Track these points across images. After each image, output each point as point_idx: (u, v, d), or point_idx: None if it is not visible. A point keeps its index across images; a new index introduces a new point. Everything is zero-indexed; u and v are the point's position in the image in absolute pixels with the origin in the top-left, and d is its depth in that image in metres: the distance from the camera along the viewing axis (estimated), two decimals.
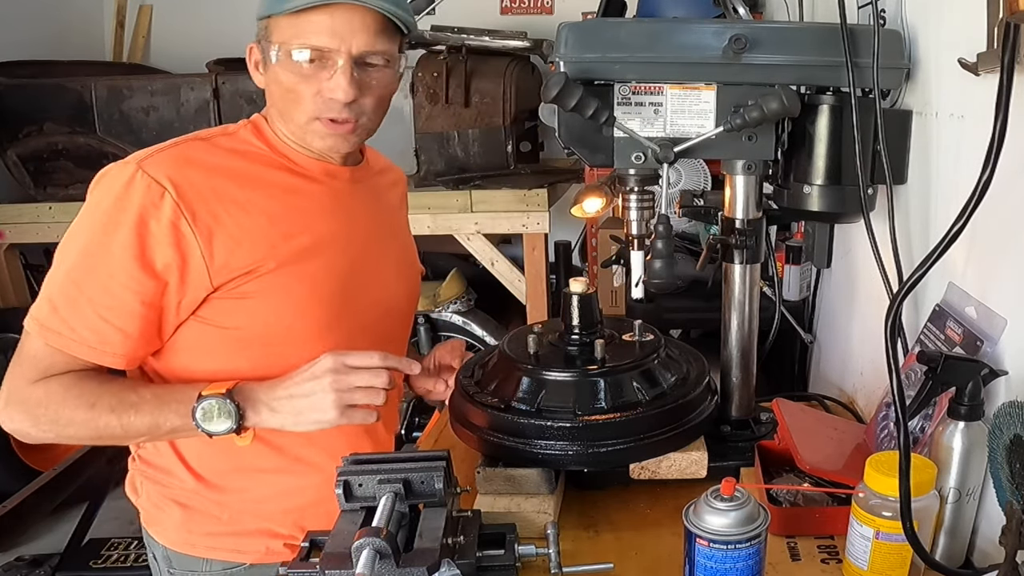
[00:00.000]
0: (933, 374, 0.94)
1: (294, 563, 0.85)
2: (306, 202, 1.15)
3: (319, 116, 1.09)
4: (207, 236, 1.04)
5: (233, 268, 1.06)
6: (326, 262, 1.14)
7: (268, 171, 1.13)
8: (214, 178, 1.08)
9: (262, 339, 1.11)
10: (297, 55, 1.06)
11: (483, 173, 2.84)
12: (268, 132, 1.16)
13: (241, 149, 1.14)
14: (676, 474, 1.13)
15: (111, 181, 1.05)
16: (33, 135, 2.93)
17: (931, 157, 1.15)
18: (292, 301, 1.11)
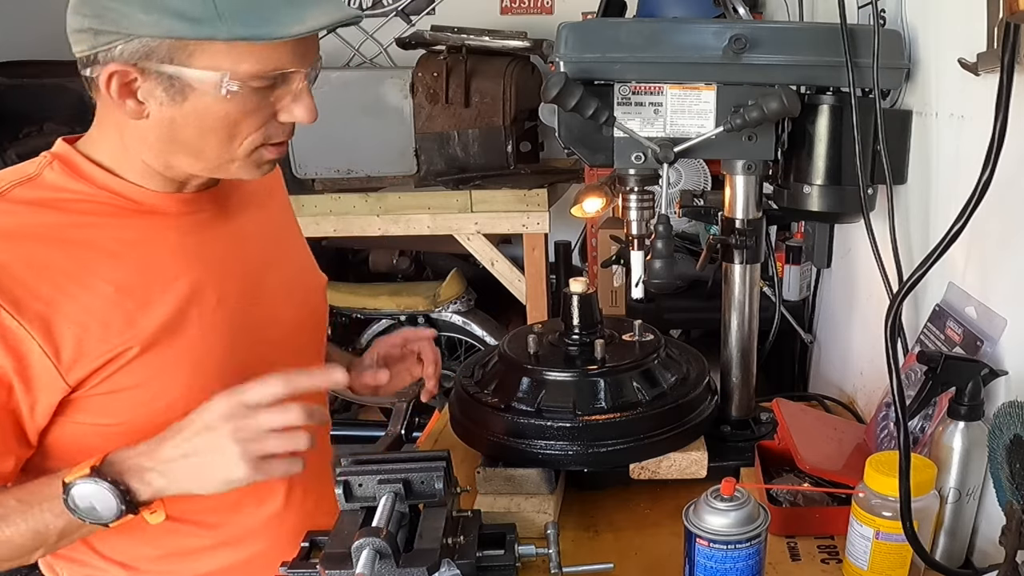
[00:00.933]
0: (933, 374, 0.94)
1: (294, 563, 0.85)
2: (161, 252, 0.92)
3: (265, 143, 0.91)
4: (43, 327, 0.83)
5: (88, 361, 0.86)
6: (205, 322, 0.93)
7: (101, 221, 0.90)
8: (29, 249, 0.84)
9: (152, 428, 0.88)
10: (259, 83, 0.84)
11: (483, 173, 2.84)
12: (87, 167, 0.90)
13: (54, 199, 0.88)
14: (676, 474, 1.13)
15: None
16: (33, 135, 2.93)
17: (931, 157, 1.15)
18: (176, 382, 0.91)
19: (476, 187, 2.80)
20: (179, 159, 0.90)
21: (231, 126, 0.87)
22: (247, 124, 0.88)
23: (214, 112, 0.85)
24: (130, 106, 0.85)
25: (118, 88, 0.84)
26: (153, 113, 0.86)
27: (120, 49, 0.81)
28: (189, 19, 0.79)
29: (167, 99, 0.84)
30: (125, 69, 0.82)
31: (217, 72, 0.82)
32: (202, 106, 0.85)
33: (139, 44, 0.81)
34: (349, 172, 2.85)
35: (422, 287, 3.20)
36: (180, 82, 0.83)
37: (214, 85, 0.83)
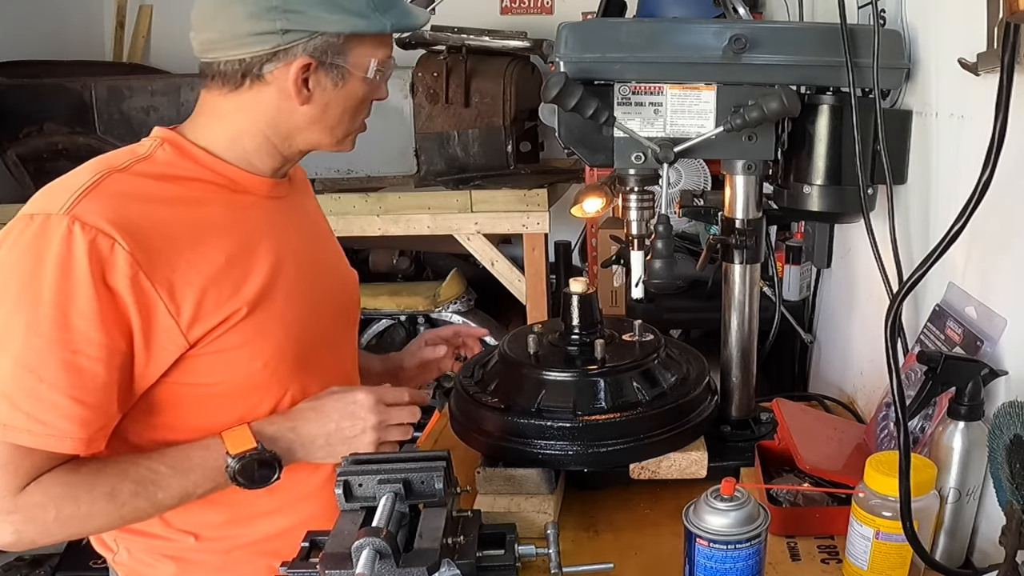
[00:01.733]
0: (933, 374, 0.94)
1: (294, 563, 0.85)
2: (253, 228, 1.04)
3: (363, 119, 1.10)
4: (168, 288, 0.92)
5: (206, 321, 0.95)
6: (287, 291, 1.05)
7: (207, 195, 1.01)
8: (157, 216, 0.93)
9: (242, 388, 1.02)
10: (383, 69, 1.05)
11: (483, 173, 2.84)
12: (192, 149, 1.01)
13: (169, 173, 0.99)
14: (676, 474, 1.13)
15: (40, 242, 0.87)
16: (33, 135, 2.92)
17: (931, 157, 1.15)
18: (269, 344, 1.02)
19: (476, 187, 2.80)
20: (313, 135, 1.06)
21: (360, 105, 1.06)
22: (366, 103, 1.08)
23: (356, 93, 1.04)
24: (303, 94, 1.01)
25: (301, 79, 0.99)
26: (316, 98, 1.02)
27: (303, 46, 0.98)
28: (359, 15, 0.98)
29: (331, 85, 1.02)
30: (309, 61, 0.98)
31: (368, 59, 1.02)
32: (351, 89, 1.03)
33: (322, 40, 0.98)
34: (349, 172, 2.85)
35: (422, 287, 3.20)
36: (344, 70, 1.01)
37: (365, 69, 1.02)
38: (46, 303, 0.87)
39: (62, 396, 0.88)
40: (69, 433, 0.89)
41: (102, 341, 0.89)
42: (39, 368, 0.87)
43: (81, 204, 0.89)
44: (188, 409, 1.00)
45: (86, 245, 0.87)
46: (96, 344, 0.89)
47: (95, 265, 0.87)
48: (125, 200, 0.92)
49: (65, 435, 0.89)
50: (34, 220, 0.90)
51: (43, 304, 0.87)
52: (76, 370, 0.88)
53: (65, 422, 0.89)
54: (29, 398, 0.88)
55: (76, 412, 0.89)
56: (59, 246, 0.87)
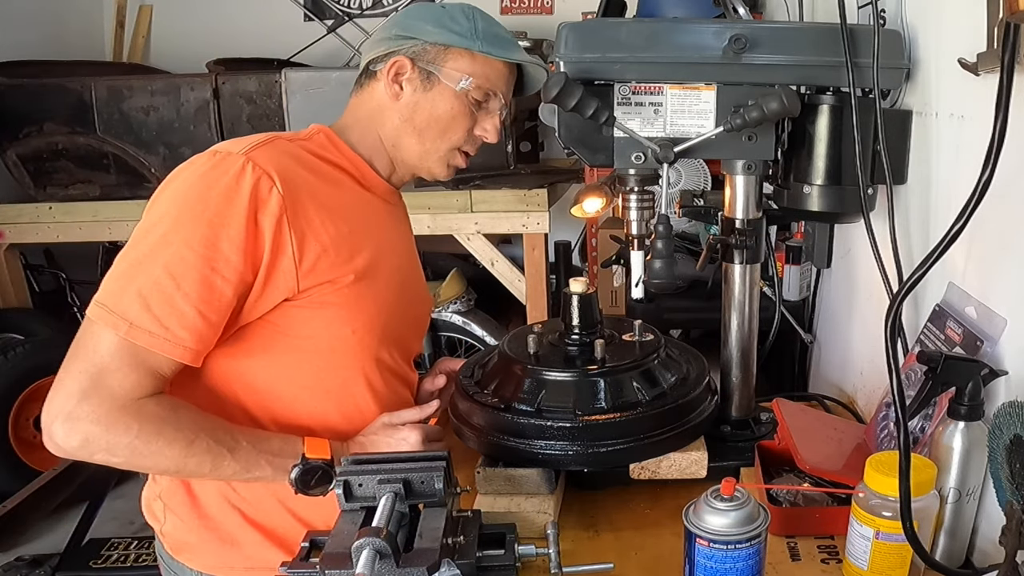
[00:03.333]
0: (933, 374, 0.94)
1: (294, 563, 0.85)
2: (372, 216, 1.19)
3: (460, 148, 1.21)
4: (300, 238, 1.04)
5: (318, 275, 1.07)
6: (386, 277, 1.17)
7: (344, 180, 1.17)
8: (309, 179, 1.09)
9: (328, 349, 1.12)
10: (483, 96, 1.16)
11: (483, 173, 2.84)
12: (340, 143, 1.18)
13: (322, 154, 1.15)
14: (676, 474, 1.13)
15: (215, 172, 1.01)
16: (33, 135, 2.93)
17: (931, 157, 1.15)
18: (363, 314, 1.13)
19: (476, 187, 2.80)
20: (406, 139, 1.19)
21: (448, 121, 1.17)
22: (458, 124, 1.18)
23: (444, 104, 1.16)
24: (394, 89, 1.16)
25: (393, 74, 1.16)
26: (406, 97, 1.16)
27: (407, 48, 1.15)
28: (458, 34, 1.14)
29: (420, 86, 1.16)
30: (404, 60, 1.15)
31: (460, 72, 1.15)
32: (439, 97, 1.16)
33: (421, 47, 1.15)
34: None
35: None
36: (434, 77, 1.15)
37: (455, 81, 1.15)
38: (205, 223, 0.99)
39: (191, 307, 0.99)
40: (185, 341, 0.99)
41: (238, 267, 1.00)
42: (182, 277, 0.98)
43: (257, 151, 1.05)
44: (271, 357, 1.10)
45: (252, 182, 1.01)
46: (233, 268, 1.00)
47: (253, 201, 1.00)
48: (288, 158, 1.08)
49: (181, 343, 0.99)
50: (216, 155, 1.04)
51: (202, 223, 0.99)
52: (210, 287, 0.99)
53: (185, 332, 0.99)
54: (163, 303, 0.98)
55: (198, 324, 1.00)
56: (231, 178, 1.00)
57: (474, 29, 1.14)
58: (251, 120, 2.88)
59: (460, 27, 1.14)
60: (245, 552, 1.16)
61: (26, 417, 2.89)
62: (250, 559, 1.16)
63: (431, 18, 1.15)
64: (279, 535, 1.16)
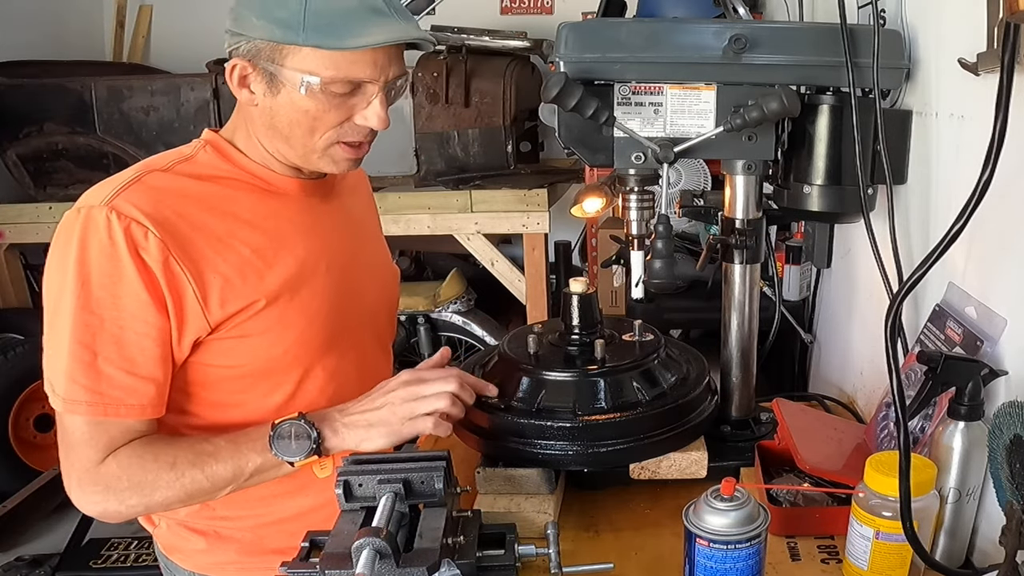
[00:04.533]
0: (933, 374, 0.94)
1: (294, 563, 0.85)
2: (285, 225, 1.10)
3: (340, 140, 1.06)
4: (197, 275, 1.00)
5: (227, 308, 1.03)
6: (315, 285, 1.12)
7: (242, 195, 1.08)
8: (189, 210, 1.02)
9: (262, 372, 1.10)
10: (337, 88, 1.00)
11: (483, 173, 2.84)
12: (232, 152, 1.09)
13: (207, 174, 1.07)
14: (676, 474, 1.13)
15: (85, 232, 0.96)
16: (33, 135, 2.93)
17: (931, 157, 1.15)
18: (291, 332, 1.09)
19: (476, 187, 2.80)
20: (278, 145, 1.07)
21: (311, 120, 1.03)
22: (324, 121, 1.03)
23: (299, 106, 1.01)
24: (245, 95, 1.04)
25: (238, 79, 1.03)
26: (260, 102, 1.03)
27: (242, 48, 1.00)
28: (284, 27, 0.96)
29: (268, 91, 1.02)
30: (243, 64, 1.01)
31: (300, 73, 0.99)
32: (290, 100, 1.01)
33: (251, 45, 1.00)
34: None
35: (422, 287, 3.20)
36: (276, 78, 1.00)
37: (297, 84, 0.99)
38: (94, 284, 0.96)
39: (114, 368, 0.97)
40: (123, 400, 0.98)
41: (146, 316, 0.98)
42: (92, 343, 0.97)
43: (119, 197, 0.98)
44: (216, 388, 1.09)
45: (122, 231, 0.96)
46: (141, 319, 0.98)
47: (132, 250, 0.96)
48: (160, 195, 1.01)
49: (119, 403, 0.98)
50: (79, 213, 0.99)
51: (91, 285, 0.96)
52: (124, 344, 0.98)
53: (119, 391, 0.98)
54: (85, 372, 0.97)
55: (128, 382, 0.98)
56: (100, 234, 0.96)
57: (302, 13, 0.96)
58: None
59: (286, 14, 0.96)
60: (232, 550, 1.17)
61: (26, 417, 2.89)
62: (240, 558, 1.17)
63: (256, 6, 0.98)
64: (266, 541, 1.16)
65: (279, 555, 1.05)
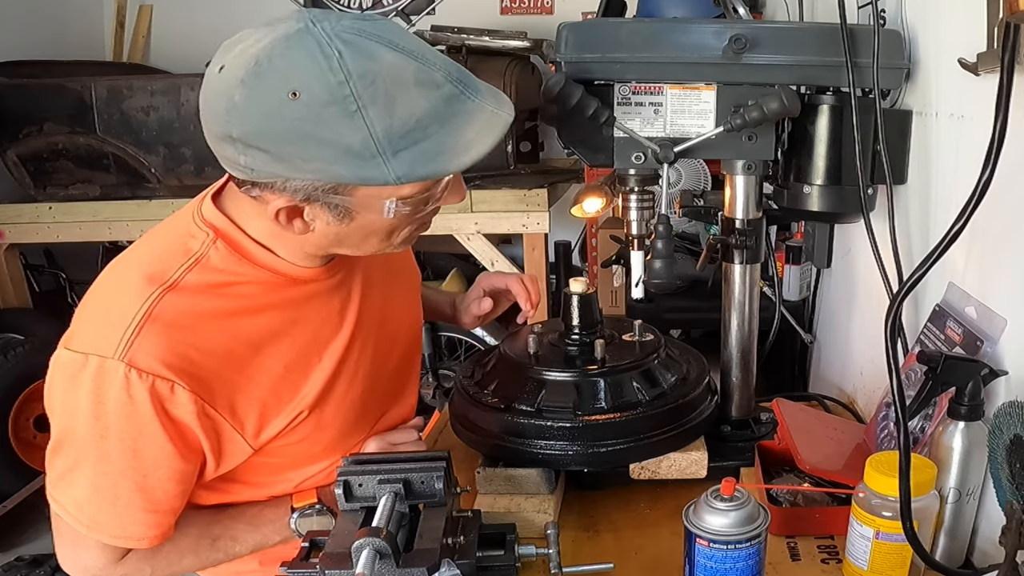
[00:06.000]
0: (933, 374, 0.94)
1: (294, 563, 0.85)
2: (314, 322, 1.01)
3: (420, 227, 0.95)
4: (231, 410, 0.93)
5: (268, 432, 0.98)
6: (353, 373, 1.06)
7: (264, 296, 0.96)
8: (211, 339, 0.91)
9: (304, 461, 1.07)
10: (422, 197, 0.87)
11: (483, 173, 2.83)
12: (248, 246, 0.94)
13: (224, 282, 0.93)
14: (676, 474, 1.13)
15: (100, 390, 0.86)
16: (33, 135, 2.92)
17: (931, 157, 1.15)
18: (332, 429, 1.05)
19: (476, 187, 2.79)
20: (339, 250, 0.96)
21: (391, 229, 0.92)
22: (403, 227, 0.92)
23: (378, 225, 0.89)
24: (297, 226, 0.88)
25: (285, 217, 0.87)
26: (319, 229, 0.89)
27: (282, 186, 0.82)
28: (354, 165, 0.78)
29: (334, 220, 0.87)
30: (292, 203, 0.84)
31: (382, 199, 0.84)
32: (367, 222, 0.88)
33: (302, 184, 0.82)
34: None
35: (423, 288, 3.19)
36: (346, 208, 0.85)
37: (380, 209, 0.85)
38: (114, 439, 0.89)
39: (137, 509, 0.93)
40: (144, 534, 0.94)
41: (170, 463, 0.92)
42: (112, 491, 0.91)
43: (135, 347, 0.86)
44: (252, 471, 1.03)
45: (147, 391, 0.86)
46: (165, 466, 0.92)
47: (158, 406, 0.88)
48: (178, 332, 0.88)
49: (141, 536, 0.94)
50: (89, 362, 0.86)
51: (111, 440, 0.89)
52: (149, 489, 0.92)
53: (140, 527, 0.94)
54: (108, 510, 0.92)
55: (151, 519, 0.94)
56: (120, 392, 0.86)
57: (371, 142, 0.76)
58: None
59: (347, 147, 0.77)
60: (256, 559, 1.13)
61: (26, 417, 2.89)
62: (263, 565, 1.14)
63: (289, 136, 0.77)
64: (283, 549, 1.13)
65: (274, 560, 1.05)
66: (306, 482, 1.09)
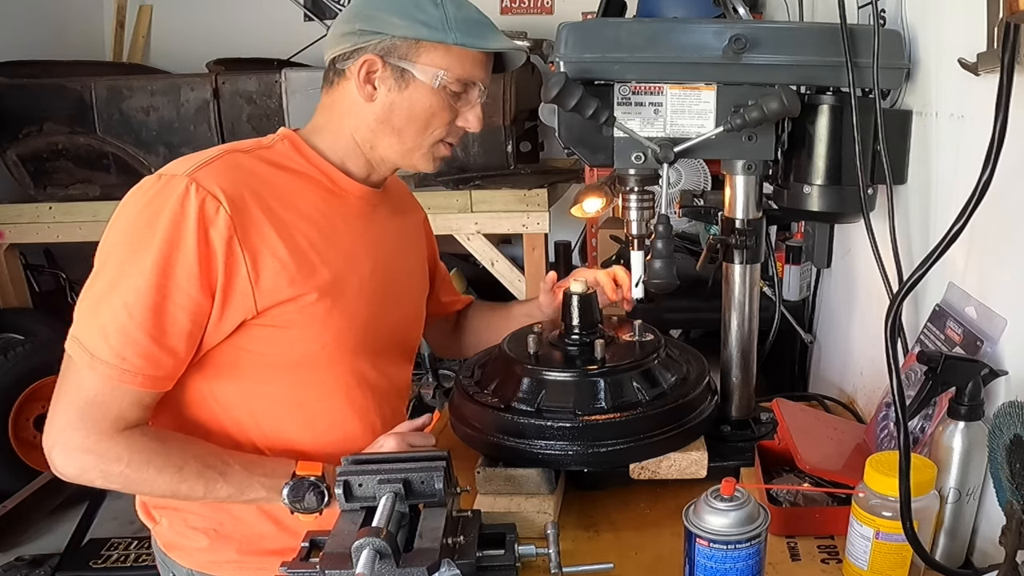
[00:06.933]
0: (933, 374, 0.94)
1: (294, 563, 0.85)
2: (341, 225, 1.14)
3: (443, 139, 1.15)
4: (254, 256, 1.03)
5: (277, 294, 1.05)
6: (359, 288, 1.14)
7: (308, 189, 1.12)
8: (262, 193, 1.06)
9: (294, 364, 1.12)
10: (462, 87, 1.10)
11: (483, 173, 2.84)
12: (306, 148, 1.14)
13: (282, 163, 1.12)
14: (676, 474, 1.13)
15: (160, 197, 1.00)
16: (33, 135, 2.93)
17: (931, 157, 1.15)
18: (330, 330, 1.11)
19: (476, 187, 2.80)
20: (384, 140, 1.13)
21: (428, 117, 1.11)
22: (438, 119, 1.12)
23: (422, 102, 1.10)
24: (367, 89, 1.10)
25: (365, 74, 1.09)
26: (380, 98, 1.10)
27: (375, 45, 1.07)
28: (429, 27, 1.06)
29: (395, 86, 1.09)
30: (374, 58, 1.08)
31: (435, 68, 1.08)
32: (416, 95, 1.10)
33: (389, 42, 1.07)
34: None
35: None
36: (408, 74, 1.09)
37: (432, 77, 1.08)
38: (155, 248, 0.98)
39: (144, 334, 0.99)
40: (142, 369, 1.00)
41: (191, 292, 1.00)
42: (133, 306, 0.98)
43: (202, 171, 1.02)
44: (237, 373, 1.10)
45: (197, 204, 0.99)
46: (185, 294, 1.00)
47: (201, 222, 0.99)
48: (238, 174, 1.05)
49: (138, 371, 1.00)
50: (160, 178, 1.02)
51: (152, 249, 0.98)
52: (163, 314, 0.99)
53: (140, 360, 0.99)
54: (118, 332, 0.99)
55: (152, 351, 1.00)
56: (175, 201, 0.99)
57: (445, 18, 1.07)
58: (251, 120, 2.88)
59: (430, 17, 1.07)
60: (232, 549, 1.17)
61: (26, 417, 2.89)
62: (239, 557, 1.17)
63: (396, 8, 1.07)
64: (265, 541, 1.17)
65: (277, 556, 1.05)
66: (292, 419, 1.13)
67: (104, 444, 1.00)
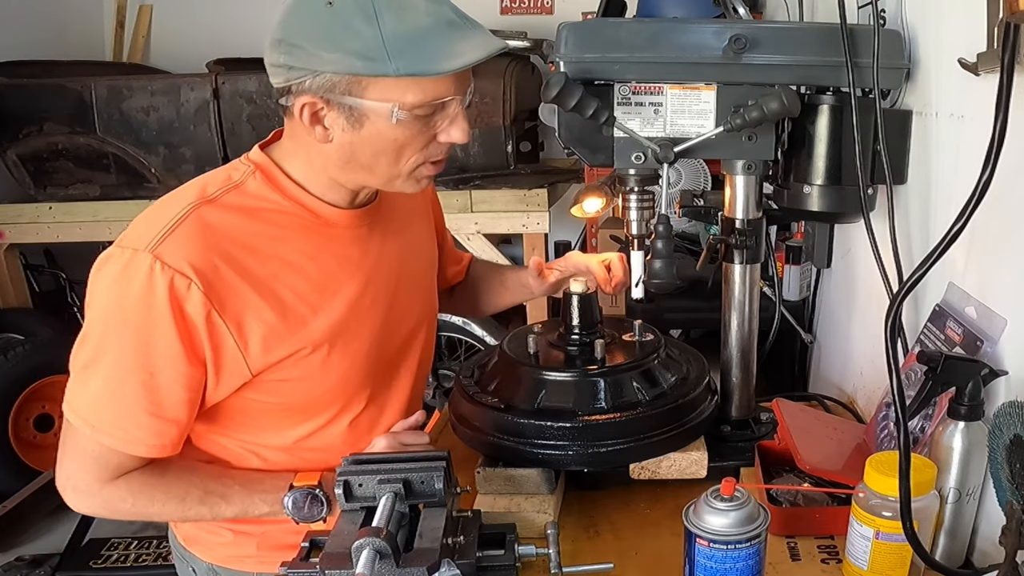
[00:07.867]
0: (933, 374, 0.94)
1: (294, 563, 0.85)
2: (331, 263, 1.07)
3: (427, 161, 1.02)
4: (238, 325, 0.99)
5: (269, 357, 1.02)
6: (359, 325, 1.10)
7: (290, 231, 1.04)
8: (235, 254, 0.99)
9: (303, 407, 1.11)
10: (428, 110, 0.96)
11: (483, 173, 2.84)
12: (283, 181, 1.04)
13: (255, 207, 1.02)
14: (676, 474, 1.13)
15: (125, 275, 0.94)
16: (33, 135, 2.93)
17: (931, 157, 1.15)
18: (333, 376, 1.09)
19: (476, 187, 2.80)
20: (357, 175, 1.03)
21: (399, 148, 0.99)
22: (412, 146, 0.99)
23: (385, 136, 0.97)
24: (318, 132, 0.97)
25: (309, 117, 0.96)
26: (336, 138, 0.98)
27: (309, 83, 0.93)
28: (365, 58, 0.90)
29: (348, 126, 0.96)
30: (314, 100, 0.94)
31: (388, 103, 0.93)
32: (376, 132, 0.96)
33: (324, 79, 0.93)
34: None
35: None
36: (358, 112, 0.95)
37: (386, 114, 0.94)
38: (131, 329, 0.95)
39: (141, 411, 0.98)
40: (144, 440, 1.00)
41: (179, 367, 0.97)
42: (122, 385, 0.97)
43: (166, 243, 0.95)
44: (253, 416, 1.09)
45: (166, 283, 0.94)
46: (173, 368, 0.97)
47: (174, 300, 0.94)
48: (207, 239, 0.97)
49: (140, 442, 1.00)
50: (123, 253, 0.96)
51: (128, 330, 0.95)
52: (154, 389, 0.98)
53: (142, 431, 0.99)
54: (114, 408, 0.98)
55: (152, 424, 0.99)
56: (142, 281, 0.94)
57: (381, 40, 0.89)
58: (251, 120, 2.88)
59: (364, 43, 0.89)
60: (254, 545, 1.17)
61: (26, 417, 2.89)
62: (259, 553, 1.17)
63: (323, 36, 0.91)
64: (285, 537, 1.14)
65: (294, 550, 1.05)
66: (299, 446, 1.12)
67: (108, 490, 1.02)
